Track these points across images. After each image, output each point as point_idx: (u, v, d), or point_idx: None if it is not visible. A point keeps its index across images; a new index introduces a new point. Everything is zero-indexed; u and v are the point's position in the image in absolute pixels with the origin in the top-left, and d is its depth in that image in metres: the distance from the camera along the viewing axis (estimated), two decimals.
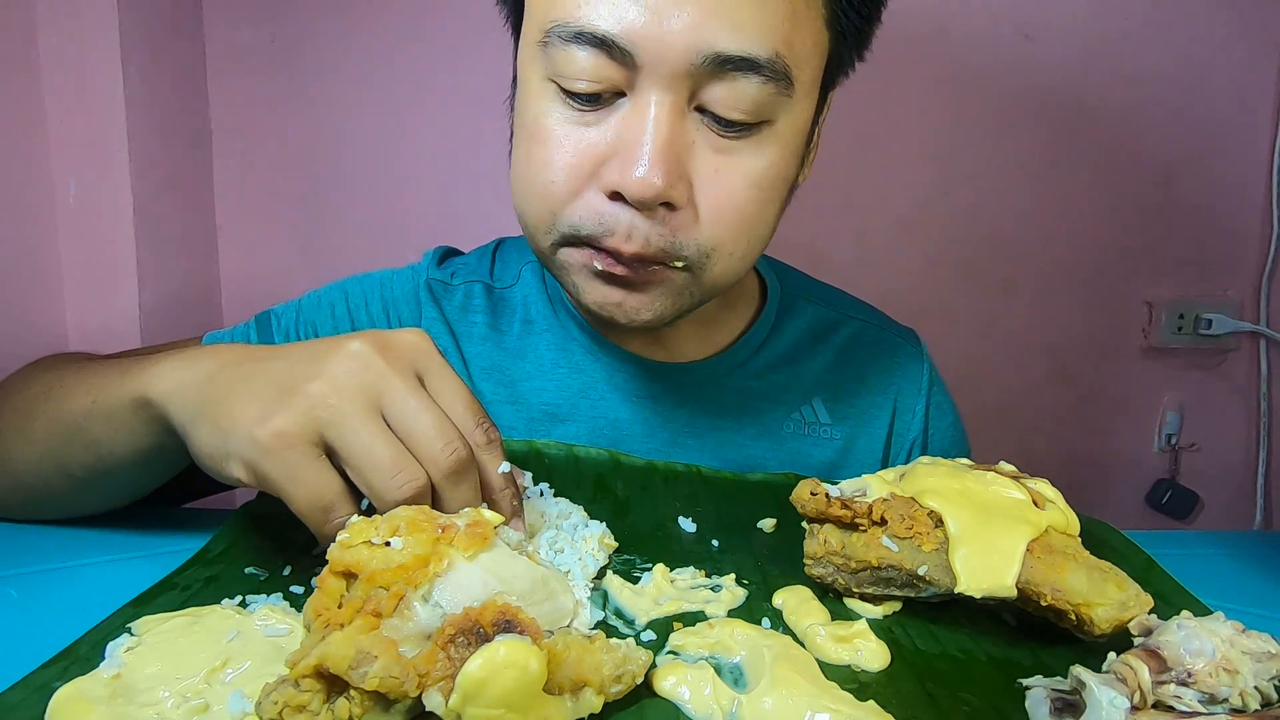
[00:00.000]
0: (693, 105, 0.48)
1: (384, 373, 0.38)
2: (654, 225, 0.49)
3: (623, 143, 0.48)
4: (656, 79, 0.46)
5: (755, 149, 0.50)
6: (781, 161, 0.51)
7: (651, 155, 0.47)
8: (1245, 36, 1.18)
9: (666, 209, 0.49)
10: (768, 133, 0.50)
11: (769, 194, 0.52)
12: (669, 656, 0.37)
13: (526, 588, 0.33)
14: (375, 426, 0.37)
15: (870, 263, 1.23)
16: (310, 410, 0.37)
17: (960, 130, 1.20)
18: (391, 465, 0.36)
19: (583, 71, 0.47)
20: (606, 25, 0.45)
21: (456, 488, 0.38)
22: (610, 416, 0.64)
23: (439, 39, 1.11)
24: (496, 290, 0.68)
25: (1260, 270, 1.25)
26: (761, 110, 0.48)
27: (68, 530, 0.51)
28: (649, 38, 0.45)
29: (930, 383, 0.71)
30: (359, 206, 1.16)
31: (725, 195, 0.50)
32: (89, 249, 0.97)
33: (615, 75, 0.47)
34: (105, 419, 0.45)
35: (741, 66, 0.46)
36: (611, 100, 0.48)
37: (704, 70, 0.46)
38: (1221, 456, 1.31)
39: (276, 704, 0.28)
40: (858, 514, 0.41)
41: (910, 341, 0.73)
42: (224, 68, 1.11)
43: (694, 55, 0.45)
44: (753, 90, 0.47)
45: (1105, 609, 0.37)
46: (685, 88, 0.47)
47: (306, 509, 0.37)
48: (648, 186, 0.47)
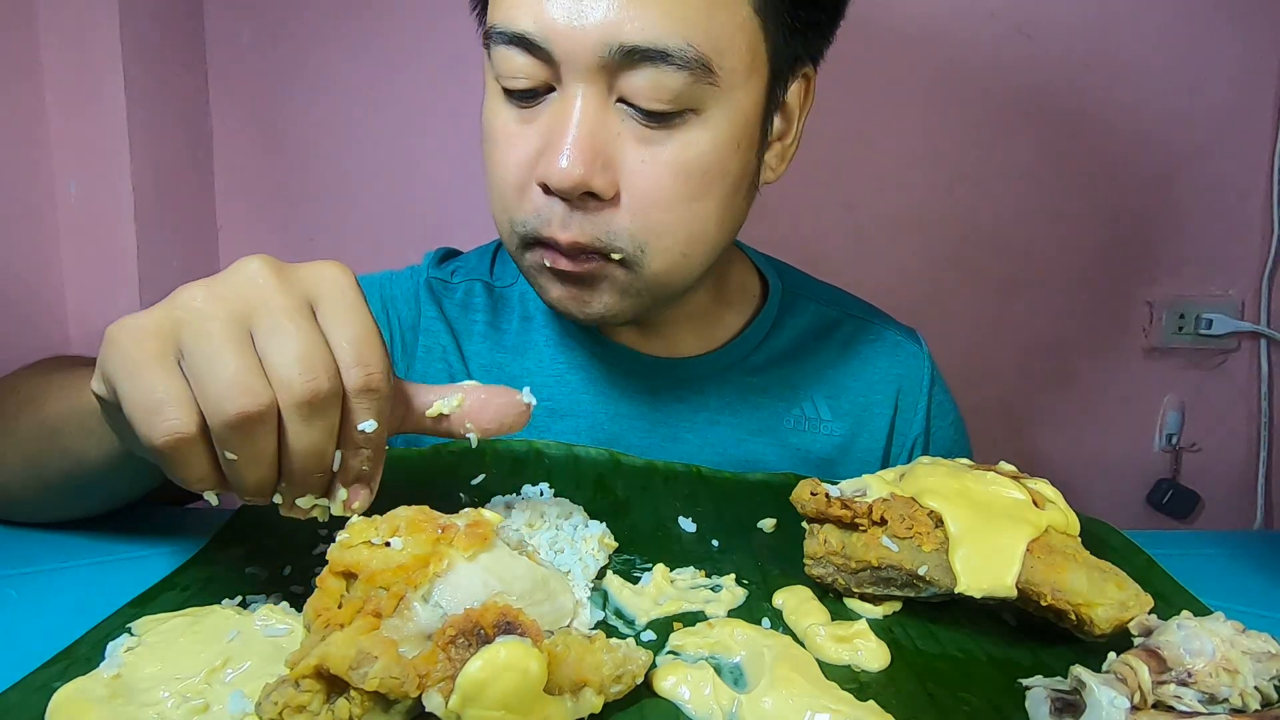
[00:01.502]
0: (614, 97, 0.49)
1: (267, 290, 0.34)
2: (584, 217, 0.50)
3: (550, 136, 0.50)
4: (575, 72, 0.48)
5: (681, 138, 0.50)
6: (714, 151, 0.51)
7: (571, 146, 0.48)
8: (1245, 36, 1.18)
9: (594, 200, 0.50)
10: (695, 122, 0.50)
11: (700, 184, 0.51)
12: (669, 656, 0.37)
13: (526, 588, 0.33)
14: (230, 335, 0.33)
15: (869, 262, 1.23)
16: (173, 310, 0.33)
17: (960, 130, 1.20)
18: (232, 377, 0.32)
19: (515, 69, 0.49)
20: (526, 25, 0.48)
21: (306, 422, 0.33)
22: (610, 412, 0.65)
23: (439, 39, 1.11)
24: (496, 289, 0.68)
25: (1260, 270, 1.25)
26: (682, 99, 0.49)
27: (67, 531, 0.51)
28: (562, 33, 0.47)
29: (932, 381, 0.72)
30: (359, 207, 1.16)
31: (651, 185, 0.50)
32: (89, 249, 0.97)
33: (541, 72, 0.49)
34: (78, 425, 0.43)
35: (652, 57, 0.47)
36: (544, 95, 0.50)
37: (617, 62, 0.47)
38: (1222, 456, 1.31)
39: (276, 704, 0.28)
40: (858, 514, 0.41)
41: (912, 340, 0.73)
42: (224, 68, 1.11)
43: (603, 48, 0.47)
44: (667, 80, 0.47)
45: (1105, 609, 0.37)
46: (603, 80, 0.48)
47: (133, 404, 0.32)
48: (567, 176, 0.48)
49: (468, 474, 0.54)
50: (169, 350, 0.33)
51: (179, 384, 0.32)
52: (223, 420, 0.32)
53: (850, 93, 1.11)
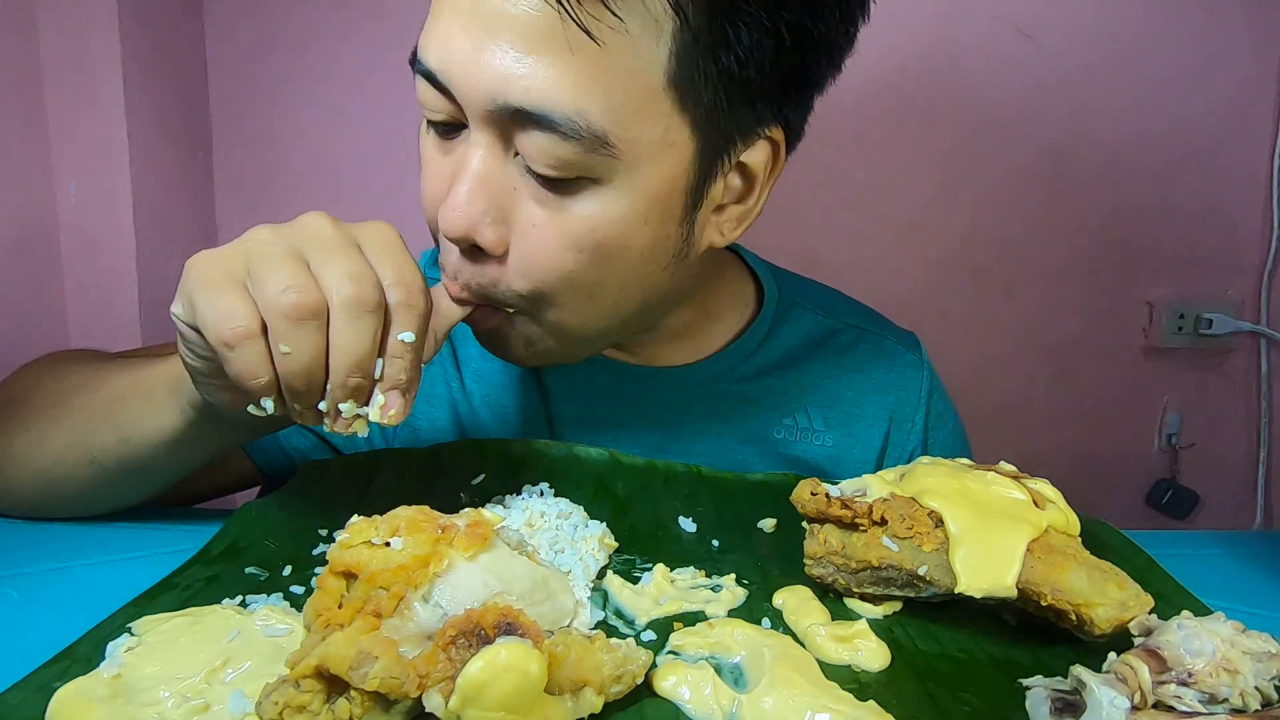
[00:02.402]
0: (512, 151, 0.46)
1: (322, 230, 0.40)
2: (474, 270, 0.48)
3: (452, 178, 0.47)
4: (474, 117, 0.45)
5: (576, 207, 0.46)
6: (612, 225, 0.47)
7: (461, 192, 0.46)
8: (1245, 36, 1.18)
9: (481, 253, 0.47)
10: (593, 192, 0.46)
11: (595, 256, 0.47)
12: (669, 656, 0.37)
13: (527, 588, 0.33)
14: (288, 255, 0.38)
15: (869, 264, 1.23)
16: (243, 244, 0.40)
17: (960, 130, 1.20)
18: (287, 279, 0.37)
19: (428, 102, 0.47)
20: (433, 60, 0.45)
21: (351, 324, 0.38)
22: (596, 420, 0.64)
23: None
24: None
25: (1260, 270, 1.25)
26: (574, 168, 0.45)
27: (68, 530, 0.51)
28: (460, 77, 0.44)
29: (930, 391, 0.70)
30: (359, 207, 1.16)
31: (538, 250, 0.47)
32: (89, 249, 0.97)
33: (450, 109, 0.46)
34: (140, 401, 0.48)
35: (540, 123, 0.43)
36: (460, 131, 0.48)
37: (504, 118, 0.44)
38: (1221, 456, 1.31)
39: (277, 704, 0.28)
40: (858, 514, 0.41)
41: (910, 348, 0.71)
42: (225, 67, 1.11)
43: (491, 103, 0.43)
44: (554, 147, 0.44)
45: (1105, 609, 0.37)
46: (498, 131, 0.45)
47: (207, 313, 0.38)
48: (454, 224, 0.46)
49: (468, 474, 0.54)
50: (238, 272, 0.39)
51: (245, 296, 0.38)
52: (278, 311, 0.37)
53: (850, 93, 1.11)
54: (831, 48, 0.49)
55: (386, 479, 0.55)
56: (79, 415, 0.50)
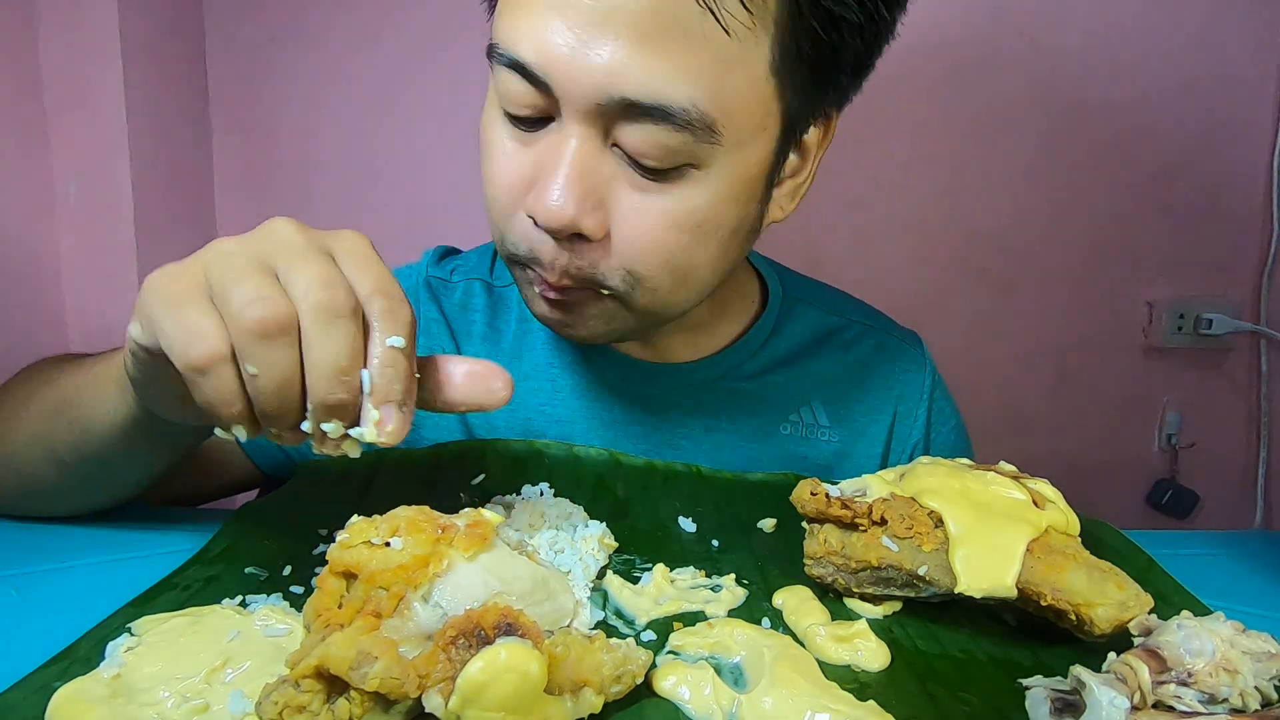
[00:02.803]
0: (610, 142, 0.47)
1: (288, 237, 0.36)
2: (572, 254, 0.49)
3: (543, 169, 0.48)
4: (572, 112, 0.45)
5: (677, 192, 0.48)
6: (710, 206, 0.49)
7: (562, 185, 0.46)
8: (1245, 36, 1.18)
9: (582, 239, 0.48)
10: (694, 177, 0.48)
11: (695, 236, 0.50)
12: (669, 656, 0.37)
13: (527, 588, 0.33)
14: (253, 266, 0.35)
15: (869, 263, 1.23)
16: (203, 257, 0.36)
17: (960, 130, 1.20)
18: (252, 291, 0.34)
19: (514, 96, 0.47)
20: (528, 54, 0.45)
21: (323, 331, 0.34)
22: (604, 417, 0.64)
23: (440, 39, 1.11)
24: (495, 288, 0.68)
25: (1260, 270, 1.25)
26: (679, 156, 0.46)
27: (68, 530, 0.51)
28: (563, 71, 0.44)
29: (932, 387, 0.71)
30: (359, 206, 1.16)
31: (642, 233, 0.49)
32: (89, 249, 0.97)
33: (540, 102, 0.46)
34: (91, 394, 0.46)
35: (652, 114, 0.44)
36: (545, 123, 0.48)
37: (613, 111, 0.45)
38: (1221, 456, 1.31)
39: (277, 704, 0.28)
40: (858, 514, 0.41)
41: (913, 345, 0.72)
42: (224, 68, 1.11)
43: (602, 96, 0.44)
44: (665, 138, 0.45)
45: (1105, 609, 0.37)
46: (600, 124, 0.46)
47: (172, 336, 0.34)
48: (555, 216, 0.46)
49: (468, 474, 0.54)
50: (201, 287, 0.35)
51: (211, 313, 0.34)
52: (244, 329, 0.34)
53: None
54: (888, 31, 0.51)
55: (386, 479, 0.55)
56: (40, 411, 0.50)
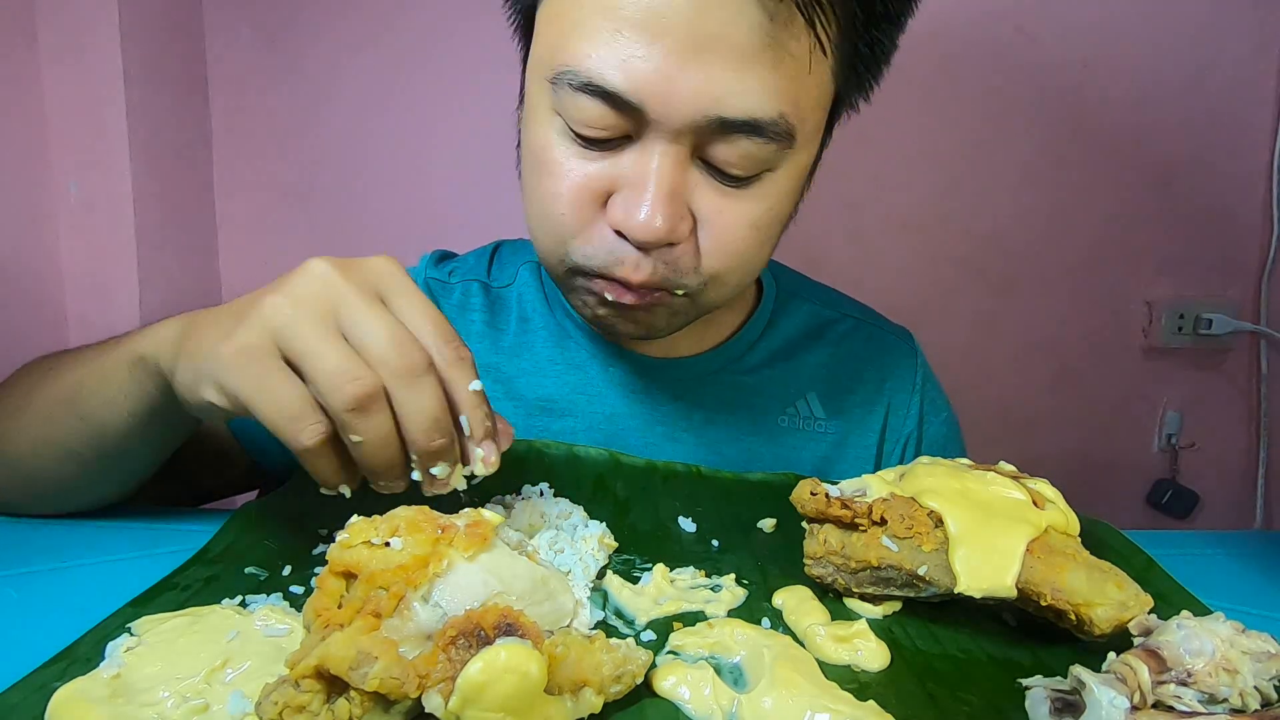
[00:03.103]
0: (696, 155, 0.49)
1: (340, 287, 0.38)
2: (656, 260, 0.50)
3: (628, 182, 0.49)
4: (662, 132, 0.47)
5: (756, 195, 0.51)
6: (781, 204, 0.53)
7: (654, 201, 0.47)
8: (1246, 37, 1.18)
9: (669, 247, 0.50)
10: (769, 179, 0.51)
11: (767, 232, 0.53)
12: (669, 656, 0.37)
13: (526, 588, 0.33)
14: (325, 331, 0.37)
15: (869, 263, 1.23)
16: (267, 322, 0.37)
17: (960, 130, 1.20)
18: (337, 366, 0.36)
19: (590, 120, 0.47)
20: (615, 81, 0.45)
21: (410, 390, 0.37)
22: (606, 412, 0.65)
23: (440, 39, 1.11)
24: (494, 289, 0.69)
25: (1260, 270, 1.25)
26: (763, 164, 0.49)
27: (68, 530, 0.51)
28: (657, 96, 0.45)
29: (924, 379, 0.72)
30: (359, 207, 1.16)
31: (727, 235, 0.51)
32: (89, 249, 0.97)
33: (622, 124, 0.47)
34: (99, 386, 0.47)
35: (745, 129, 0.47)
36: (619, 143, 0.49)
37: (707, 129, 0.47)
38: (1221, 456, 1.31)
39: (276, 704, 0.28)
40: (858, 514, 0.41)
41: (904, 339, 0.74)
42: (224, 68, 1.11)
43: (699, 116, 0.46)
44: (754, 150, 0.48)
45: (1105, 609, 0.37)
46: (689, 141, 0.47)
47: (274, 417, 0.36)
48: (650, 231, 0.48)
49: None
50: (274, 354, 0.37)
51: (299, 388, 0.36)
52: (340, 407, 0.36)
53: None
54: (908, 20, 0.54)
55: None
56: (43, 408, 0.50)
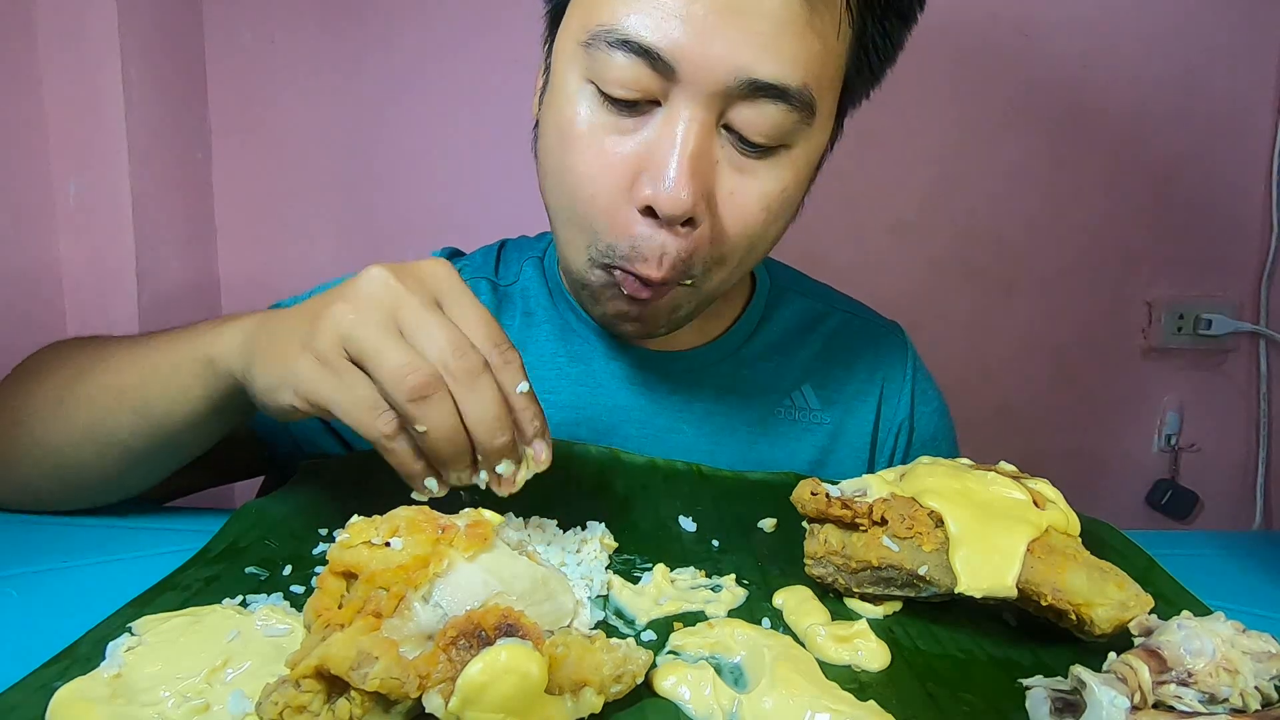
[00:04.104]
0: (720, 123, 0.49)
1: (399, 293, 0.40)
2: (678, 242, 0.50)
3: (654, 155, 0.49)
4: (692, 94, 0.47)
5: (771, 171, 0.51)
6: (794, 186, 0.53)
7: (680, 170, 0.48)
8: (1245, 36, 1.18)
9: (688, 225, 0.50)
10: (785, 157, 0.51)
11: (777, 215, 0.53)
12: (669, 656, 0.37)
13: (527, 587, 0.33)
14: (386, 333, 0.39)
15: (869, 263, 1.23)
16: (334, 328, 0.40)
17: (960, 130, 1.20)
18: (398, 360, 0.38)
19: (623, 77, 0.48)
20: (651, 37, 0.46)
21: (471, 391, 0.39)
22: (608, 403, 0.66)
23: (436, 38, 1.11)
24: (501, 287, 0.69)
25: (1260, 270, 1.25)
26: (783, 136, 0.50)
27: (68, 530, 0.51)
28: (691, 55, 0.46)
29: (914, 369, 0.74)
30: (358, 206, 1.16)
31: (738, 215, 0.52)
32: (89, 249, 0.97)
33: (653, 85, 0.48)
34: (163, 384, 0.48)
35: (771, 93, 0.47)
36: (647, 108, 0.49)
37: (736, 92, 0.47)
38: (1221, 456, 1.31)
39: (277, 704, 0.28)
40: (858, 514, 0.41)
41: (894, 332, 0.76)
42: (224, 68, 1.11)
43: (730, 77, 0.47)
44: (779, 116, 0.48)
45: (1105, 609, 0.37)
46: (716, 106, 0.48)
47: (353, 413, 0.39)
48: (677, 202, 0.48)
49: None
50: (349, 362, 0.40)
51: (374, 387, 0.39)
52: (404, 397, 0.38)
53: None
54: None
55: (386, 479, 0.55)
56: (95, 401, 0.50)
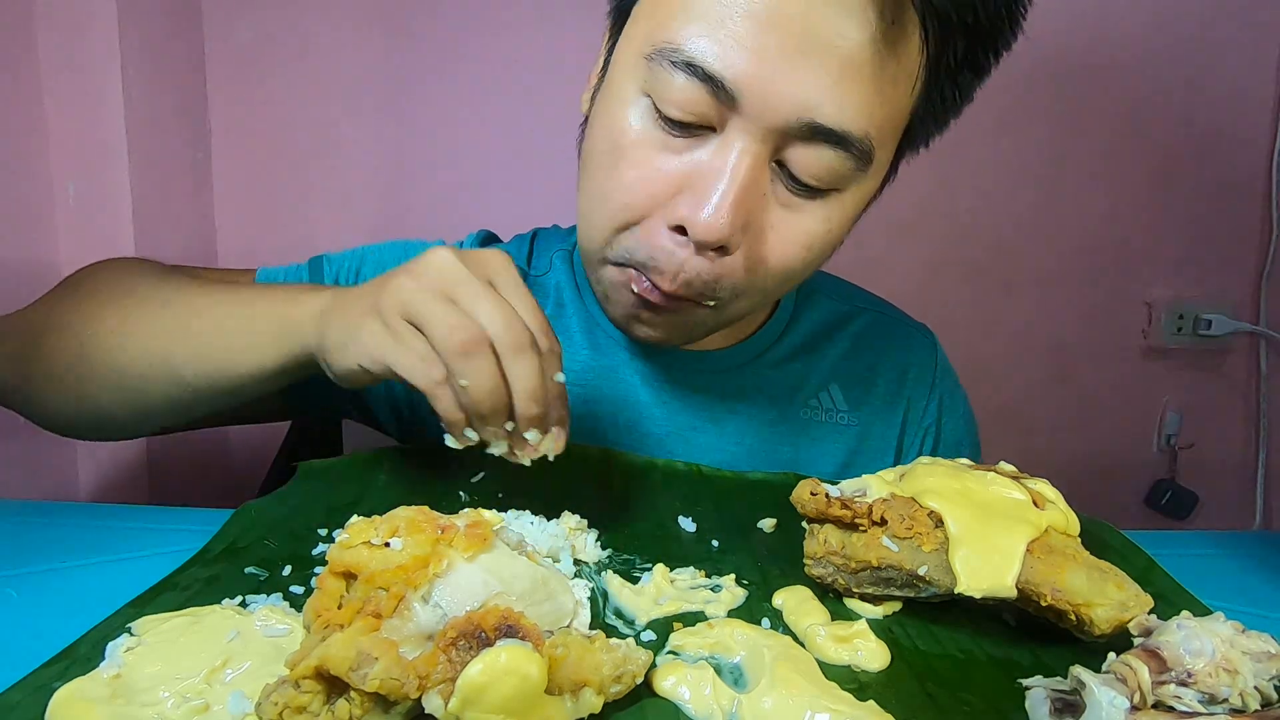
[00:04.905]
0: (773, 158, 0.49)
1: (459, 271, 0.43)
2: (702, 264, 0.50)
3: (701, 179, 0.48)
4: (750, 127, 0.47)
5: (819, 213, 0.51)
6: (839, 228, 0.52)
7: (724, 199, 0.47)
8: (1245, 36, 1.18)
9: (719, 252, 0.50)
10: (834, 199, 0.51)
11: (818, 254, 0.53)
12: (669, 656, 0.37)
13: (526, 588, 0.33)
14: (440, 300, 0.42)
15: (870, 264, 1.22)
16: (396, 295, 0.43)
17: (960, 130, 1.19)
18: (446, 319, 0.41)
19: (682, 99, 0.47)
20: (717, 64, 0.45)
21: (516, 362, 0.42)
22: (631, 399, 0.66)
23: (435, 38, 1.11)
24: (532, 276, 0.70)
25: (1260, 270, 1.25)
26: (837, 181, 0.50)
27: (68, 530, 0.51)
28: (755, 89, 0.45)
29: (942, 373, 0.73)
30: (357, 207, 1.16)
31: (779, 250, 0.51)
32: (89, 249, 0.97)
33: (711, 112, 0.47)
34: (237, 334, 0.50)
35: (831, 139, 0.47)
36: (701, 132, 0.49)
37: (796, 132, 0.47)
38: (1221, 456, 1.31)
39: (277, 705, 0.28)
40: (858, 514, 0.41)
41: (922, 333, 0.75)
42: (224, 68, 1.11)
43: (793, 117, 0.46)
44: (835, 163, 0.48)
45: (1105, 609, 0.37)
46: (773, 141, 0.47)
47: (408, 365, 0.42)
48: (714, 230, 0.47)
49: (468, 473, 0.54)
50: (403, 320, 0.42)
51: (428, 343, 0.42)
52: (450, 350, 0.41)
53: None
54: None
55: (386, 479, 0.55)
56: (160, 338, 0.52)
